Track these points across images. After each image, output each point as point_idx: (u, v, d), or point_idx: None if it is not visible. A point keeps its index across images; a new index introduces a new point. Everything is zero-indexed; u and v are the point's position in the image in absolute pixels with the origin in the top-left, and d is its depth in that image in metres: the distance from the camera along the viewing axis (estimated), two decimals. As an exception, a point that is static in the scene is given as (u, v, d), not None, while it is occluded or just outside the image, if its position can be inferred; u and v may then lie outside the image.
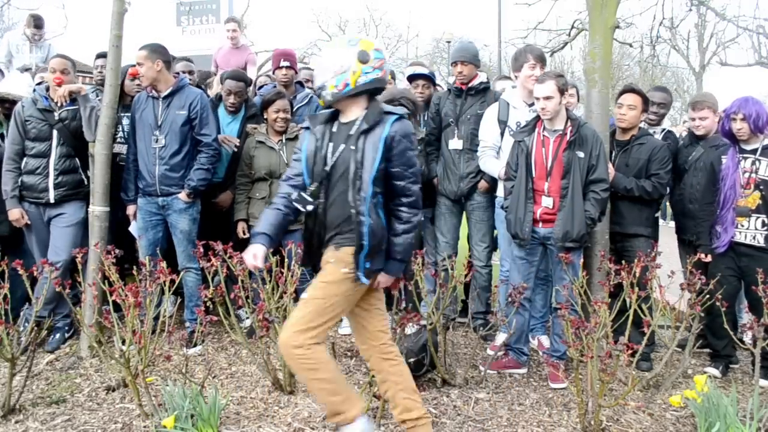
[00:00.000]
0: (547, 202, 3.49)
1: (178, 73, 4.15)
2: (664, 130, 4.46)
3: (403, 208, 2.46)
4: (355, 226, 2.38)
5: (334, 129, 2.51)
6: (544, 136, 3.53)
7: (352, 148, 2.40)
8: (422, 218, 2.48)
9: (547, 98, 3.43)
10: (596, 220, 3.48)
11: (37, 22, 6.09)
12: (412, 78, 4.89)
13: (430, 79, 4.81)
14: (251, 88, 5.20)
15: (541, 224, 3.52)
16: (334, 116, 2.55)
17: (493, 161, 4.03)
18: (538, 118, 3.60)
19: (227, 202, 4.33)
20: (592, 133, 3.49)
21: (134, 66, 4.06)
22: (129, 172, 4.08)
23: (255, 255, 2.45)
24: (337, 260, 2.43)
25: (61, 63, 4.00)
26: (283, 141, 4.17)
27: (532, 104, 3.82)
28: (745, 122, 3.55)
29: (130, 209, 4.11)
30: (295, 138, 4.09)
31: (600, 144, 3.48)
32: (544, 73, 3.60)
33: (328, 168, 2.45)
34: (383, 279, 2.51)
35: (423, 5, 43.05)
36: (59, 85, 3.93)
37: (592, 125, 3.74)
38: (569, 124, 3.49)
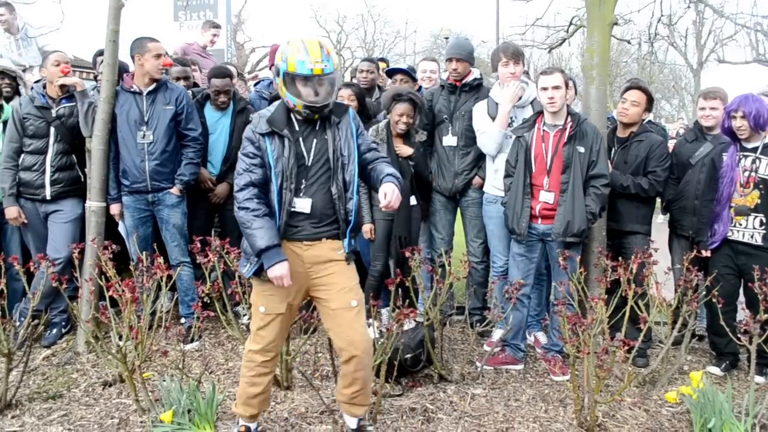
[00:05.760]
0: (546, 197, 3.49)
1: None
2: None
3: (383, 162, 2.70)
4: (340, 208, 2.58)
5: (296, 127, 2.59)
6: (543, 131, 3.53)
7: (326, 137, 2.59)
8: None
9: (556, 87, 3.42)
10: (597, 215, 3.48)
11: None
12: (391, 73, 4.87)
13: (409, 74, 4.79)
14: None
15: (540, 220, 3.52)
16: (288, 116, 2.59)
17: (488, 132, 3.91)
18: (538, 114, 3.59)
19: (225, 194, 4.33)
20: (592, 129, 3.50)
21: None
22: (110, 170, 3.95)
23: (282, 276, 2.47)
24: (335, 251, 2.61)
25: (64, 56, 4.00)
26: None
27: (518, 99, 3.84)
28: (745, 120, 3.51)
29: (114, 208, 3.99)
30: None
31: (600, 140, 3.49)
32: (549, 66, 3.64)
33: (308, 163, 2.57)
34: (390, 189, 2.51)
35: (421, 1, 42.96)
36: (67, 74, 3.91)
37: (590, 121, 3.75)
38: (569, 119, 3.49)
